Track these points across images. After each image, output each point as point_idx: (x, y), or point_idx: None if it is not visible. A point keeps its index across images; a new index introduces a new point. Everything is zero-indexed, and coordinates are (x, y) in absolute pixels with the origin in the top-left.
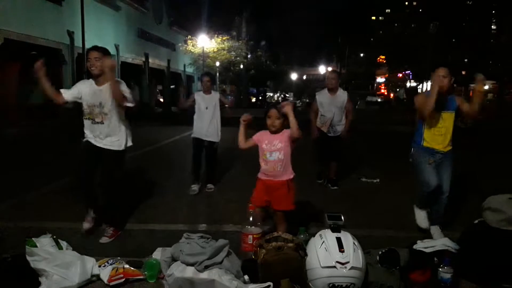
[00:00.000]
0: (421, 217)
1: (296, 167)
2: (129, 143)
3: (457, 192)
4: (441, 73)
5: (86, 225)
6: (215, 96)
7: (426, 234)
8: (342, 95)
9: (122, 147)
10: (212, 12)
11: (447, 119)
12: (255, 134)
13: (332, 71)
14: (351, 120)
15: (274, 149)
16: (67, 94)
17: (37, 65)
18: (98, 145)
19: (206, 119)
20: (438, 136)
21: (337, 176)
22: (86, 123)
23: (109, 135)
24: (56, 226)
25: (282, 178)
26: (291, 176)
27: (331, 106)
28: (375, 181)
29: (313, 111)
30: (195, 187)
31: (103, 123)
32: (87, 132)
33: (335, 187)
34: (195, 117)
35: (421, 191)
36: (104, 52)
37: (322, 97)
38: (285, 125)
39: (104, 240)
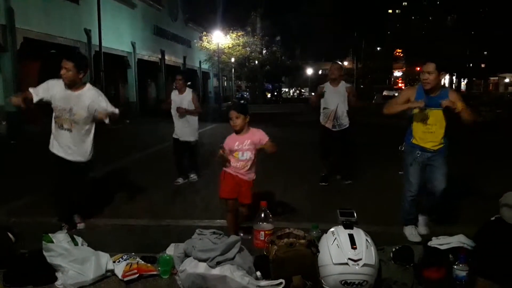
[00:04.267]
0: (410, 233)
1: (306, 163)
2: (90, 156)
3: (473, 188)
4: (428, 69)
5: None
6: (188, 95)
7: (442, 231)
8: (345, 85)
9: (88, 157)
10: (227, 8)
11: (438, 116)
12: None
13: (334, 62)
14: (357, 101)
15: (245, 149)
16: (36, 97)
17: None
18: (67, 158)
19: (180, 118)
20: (428, 134)
21: (350, 171)
22: (54, 126)
23: (74, 146)
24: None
25: (248, 176)
26: (254, 177)
27: (334, 97)
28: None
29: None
30: (179, 179)
31: (70, 131)
32: (53, 138)
33: (349, 181)
34: (173, 116)
35: (404, 195)
36: (76, 63)
37: (325, 88)
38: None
39: (81, 226)
